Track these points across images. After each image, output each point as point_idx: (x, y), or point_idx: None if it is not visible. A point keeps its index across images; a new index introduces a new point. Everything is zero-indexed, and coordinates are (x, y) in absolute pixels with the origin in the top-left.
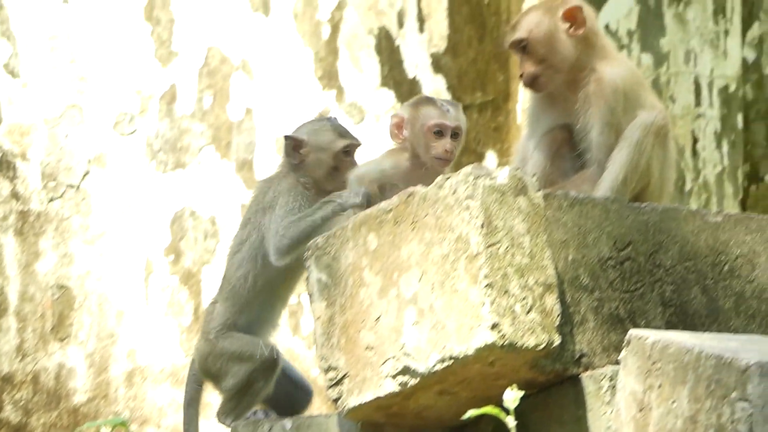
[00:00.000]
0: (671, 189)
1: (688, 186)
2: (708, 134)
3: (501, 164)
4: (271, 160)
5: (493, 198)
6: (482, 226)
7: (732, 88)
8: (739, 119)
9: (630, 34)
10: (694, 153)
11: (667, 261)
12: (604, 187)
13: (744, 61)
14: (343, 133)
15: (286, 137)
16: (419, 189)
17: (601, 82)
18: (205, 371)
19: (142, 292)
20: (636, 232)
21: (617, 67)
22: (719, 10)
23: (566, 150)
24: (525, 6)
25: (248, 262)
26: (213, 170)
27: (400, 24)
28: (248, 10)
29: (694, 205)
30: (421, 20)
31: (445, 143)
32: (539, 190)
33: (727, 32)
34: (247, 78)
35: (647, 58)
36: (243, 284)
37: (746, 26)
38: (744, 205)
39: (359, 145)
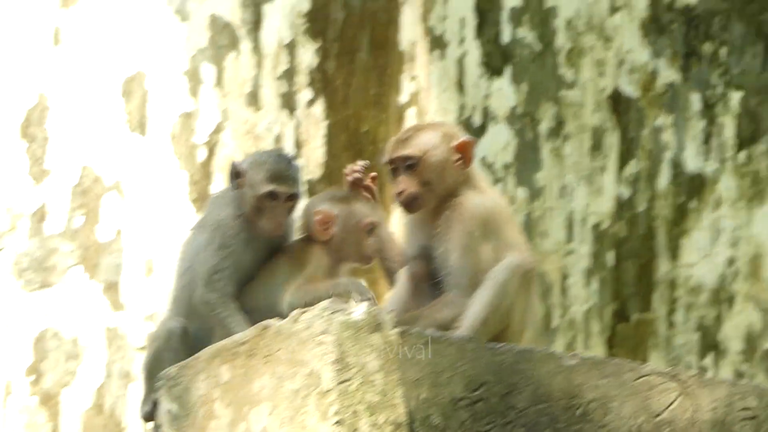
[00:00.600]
0: (531, 332)
1: (554, 323)
2: (578, 271)
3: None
4: (139, 283)
5: (347, 334)
6: (335, 362)
7: (605, 225)
8: (610, 257)
9: (506, 167)
10: (563, 290)
11: (520, 403)
12: (464, 326)
13: (618, 198)
14: (275, 176)
15: (232, 163)
16: (274, 322)
17: (461, 207)
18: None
19: (0, 412)
20: (490, 373)
21: (480, 197)
22: (596, 147)
23: (426, 282)
24: None
25: (188, 272)
26: (80, 291)
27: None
28: (125, 130)
29: (560, 342)
30: (299, 146)
31: (375, 242)
32: (395, 327)
33: (603, 169)
34: (120, 198)
35: (522, 192)
36: (186, 295)
37: (622, 163)
38: (610, 344)
39: (290, 194)
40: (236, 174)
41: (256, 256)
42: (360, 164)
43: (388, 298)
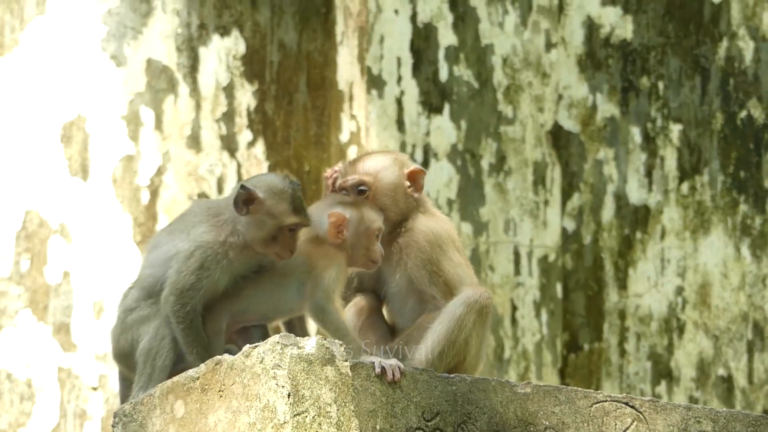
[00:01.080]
0: (486, 366)
1: (506, 354)
2: (527, 303)
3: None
4: (89, 324)
5: (300, 367)
6: (289, 395)
7: (551, 257)
8: (559, 288)
9: (450, 203)
10: (514, 321)
11: None
12: (418, 359)
13: (564, 231)
14: (298, 209)
15: (242, 185)
16: (226, 357)
17: (414, 231)
18: (119, 356)
19: None
20: (445, 402)
21: (433, 220)
22: (539, 181)
23: (376, 313)
24: None
25: (155, 267)
26: (30, 333)
27: (220, 190)
28: (66, 175)
29: (512, 373)
30: None
31: (380, 247)
32: (347, 359)
33: (547, 202)
34: (66, 242)
35: (467, 228)
36: (151, 283)
37: (566, 197)
38: (563, 374)
39: (308, 225)
40: (249, 200)
41: (230, 279)
42: (339, 166)
43: None
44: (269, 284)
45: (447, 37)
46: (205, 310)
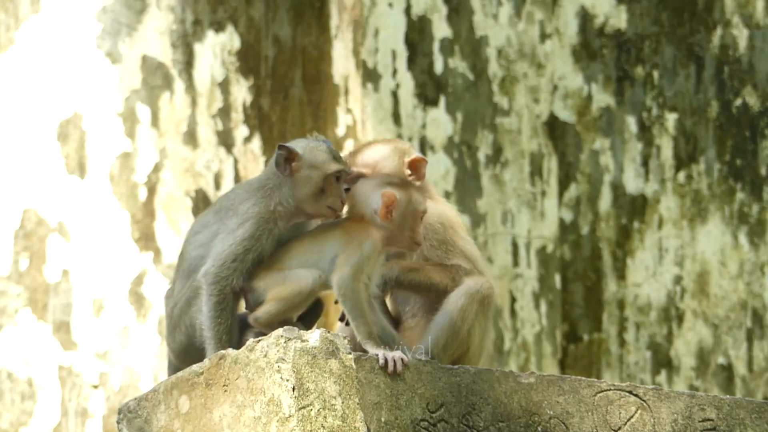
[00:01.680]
0: (488, 357)
1: (506, 346)
2: (526, 294)
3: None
4: (89, 322)
5: (304, 360)
6: (294, 389)
7: (549, 248)
8: (557, 279)
9: (447, 195)
10: (513, 313)
11: (480, 422)
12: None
13: (561, 221)
14: (337, 158)
15: (280, 146)
16: (230, 351)
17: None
18: (181, 353)
19: None
20: (449, 394)
21: (442, 205)
22: (536, 172)
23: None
24: None
25: (203, 247)
26: (30, 332)
27: (217, 185)
28: (63, 172)
29: (513, 364)
30: (238, 182)
31: (423, 230)
32: (350, 352)
33: (544, 193)
34: (64, 240)
35: (465, 219)
36: (198, 264)
37: (563, 187)
38: (563, 365)
39: (351, 174)
40: (290, 158)
41: (273, 249)
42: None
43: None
44: (306, 252)
45: (441, 29)
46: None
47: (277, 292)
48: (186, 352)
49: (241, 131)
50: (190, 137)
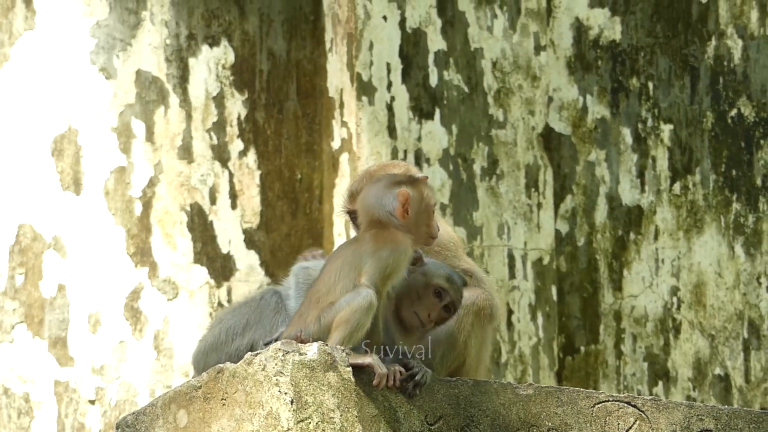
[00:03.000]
0: (485, 369)
1: (503, 358)
2: (522, 306)
3: None
4: (85, 337)
5: (302, 374)
6: (292, 402)
7: (546, 260)
8: (554, 291)
9: (443, 207)
10: (510, 325)
11: None
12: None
13: (557, 233)
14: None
15: None
16: (228, 365)
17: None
18: None
19: None
20: (447, 406)
21: (445, 226)
22: (531, 184)
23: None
24: (337, 183)
25: None
26: (25, 348)
27: (213, 200)
28: (58, 188)
29: (510, 377)
30: (234, 196)
31: (437, 222)
32: (349, 365)
33: (540, 205)
34: (60, 255)
35: (461, 232)
36: None
37: (559, 199)
38: (560, 377)
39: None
40: None
41: None
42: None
43: None
44: (344, 279)
45: (436, 42)
46: None
47: (340, 318)
48: None
49: (236, 145)
50: (185, 152)
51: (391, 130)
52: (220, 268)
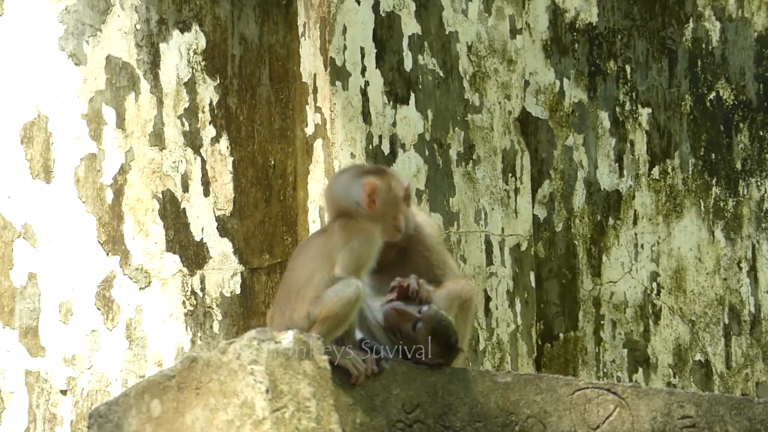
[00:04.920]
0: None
1: (481, 345)
2: (500, 293)
3: None
4: (56, 327)
5: (277, 362)
6: (267, 391)
7: (524, 246)
8: (532, 277)
9: (419, 193)
10: (487, 312)
11: (457, 422)
12: None
13: (535, 218)
14: None
15: None
16: (202, 354)
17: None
18: None
19: None
20: (425, 394)
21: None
22: (508, 169)
23: None
24: (311, 169)
25: None
26: None
27: (185, 187)
28: (28, 176)
29: (488, 364)
30: (206, 183)
31: (403, 215)
32: (324, 353)
33: (517, 190)
34: (30, 244)
35: (437, 218)
36: None
37: (536, 184)
38: (539, 364)
39: None
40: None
41: None
42: None
43: None
44: (321, 270)
45: (410, 25)
46: None
47: (329, 310)
48: None
49: (208, 131)
50: (157, 138)
51: (366, 115)
52: (193, 256)
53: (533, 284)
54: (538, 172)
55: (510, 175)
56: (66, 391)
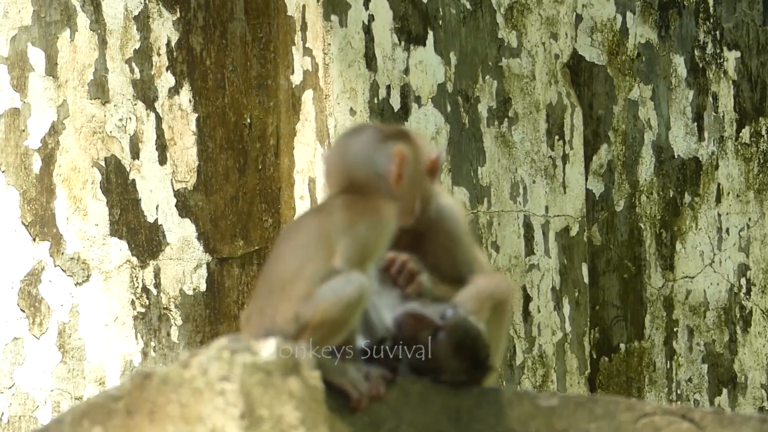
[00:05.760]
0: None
1: (519, 359)
2: (544, 291)
3: None
4: None
5: (255, 379)
6: (242, 417)
7: (574, 230)
8: (585, 271)
9: None
10: (527, 316)
11: None
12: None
13: (589, 195)
14: None
15: None
16: (157, 369)
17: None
18: None
19: None
20: (445, 420)
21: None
22: (554, 130)
23: None
24: (299, 129)
25: None
26: None
27: (135, 153)
28: None
29: (527, 383)
30: (162, 147)
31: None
32: (317, 368)
33: (566, 158)
34: None
35: (462, 193)
36: None
37: (591, 150)
38: (593, 383)
39: None
40: None
41: None
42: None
43: None
44: (317, 258)
45: None
46: None
47: (325, 314)
48: None
49: (165, 80)
50: (98, 89)
51: (370, 60)
52: (145, 242)
53: (586, 280)
54: (593, 135)
55: (557, 137)
56: None
